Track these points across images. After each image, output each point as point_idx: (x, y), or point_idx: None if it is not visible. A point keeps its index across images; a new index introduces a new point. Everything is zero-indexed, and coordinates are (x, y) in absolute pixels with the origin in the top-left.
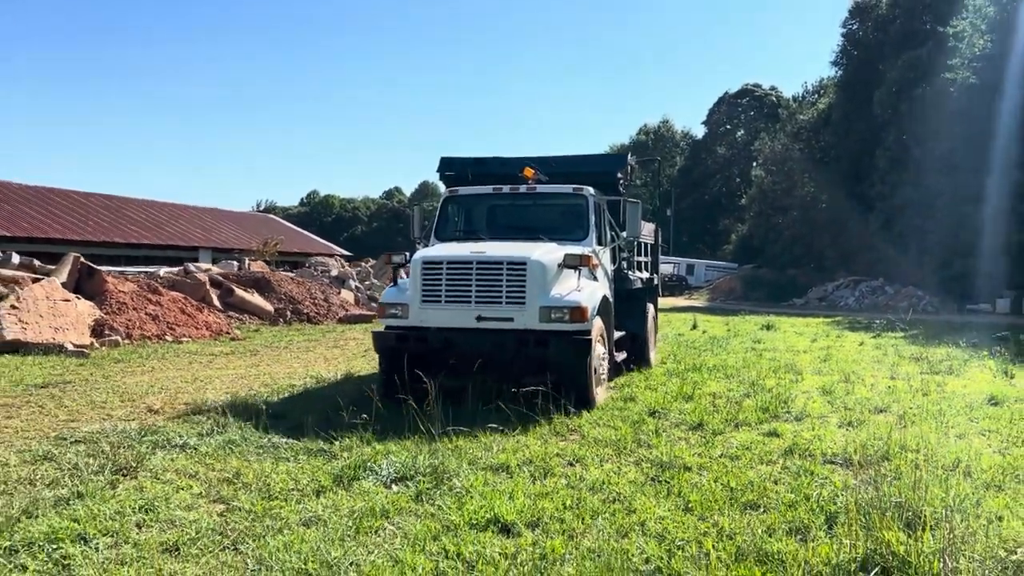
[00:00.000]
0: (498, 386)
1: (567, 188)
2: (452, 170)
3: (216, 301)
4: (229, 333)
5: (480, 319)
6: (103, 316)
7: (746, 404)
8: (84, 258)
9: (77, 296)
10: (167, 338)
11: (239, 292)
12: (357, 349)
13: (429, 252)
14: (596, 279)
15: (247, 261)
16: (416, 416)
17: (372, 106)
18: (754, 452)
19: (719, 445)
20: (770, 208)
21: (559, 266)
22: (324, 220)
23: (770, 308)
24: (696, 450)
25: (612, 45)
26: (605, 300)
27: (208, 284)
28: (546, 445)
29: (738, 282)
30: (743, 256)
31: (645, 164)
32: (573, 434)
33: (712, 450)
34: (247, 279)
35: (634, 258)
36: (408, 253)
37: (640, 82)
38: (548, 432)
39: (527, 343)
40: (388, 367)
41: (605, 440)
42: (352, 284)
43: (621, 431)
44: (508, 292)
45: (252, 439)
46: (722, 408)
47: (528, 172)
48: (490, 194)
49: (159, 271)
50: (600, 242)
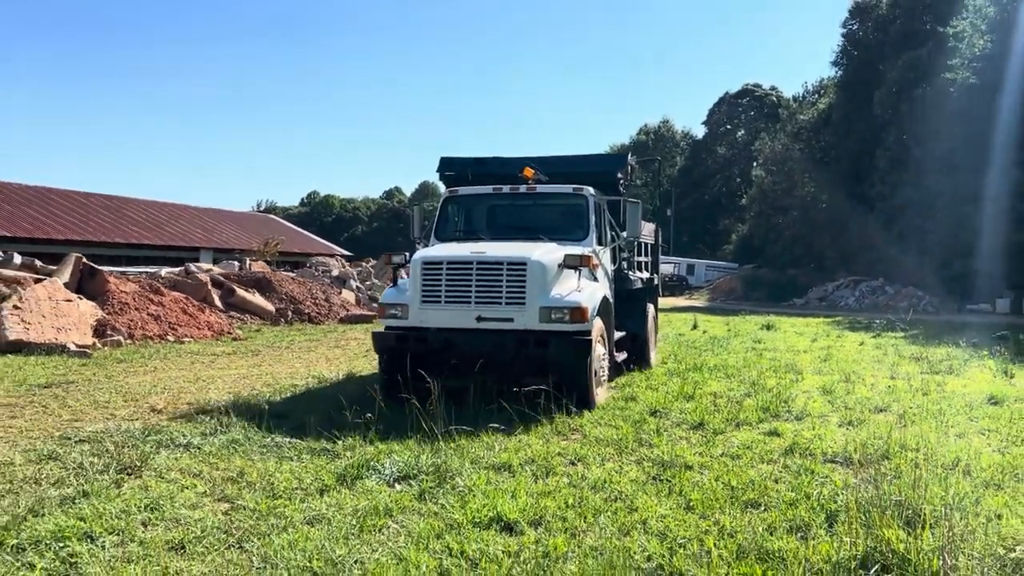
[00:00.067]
0: (499, 386)
1: (567, 188)
2: (452, 170)
3: (217, 301)
4: (231, 333)
5: (480, 319)
6: (105, 316)
7: (747, 404)
8: (85, 258)
9: (79, 296)
10: (169, 338)
11: (240, 292)
12: (359, 349)
13: (429, 252)
14: (596, 279)
15: (248, 261)
16: (419, 415)
17: (372, 106)
18: (755, 451)
19: (720, 444)
20: (770, 208)
21: (559, 266)
22: (324, 220)
23: (770, 308)
24: (697, 449)
25: (612, 45)
26: (605, 300)
27: (209, 284)
28: (548, 444)
29: (738, 282)
30: (743, 256)
31: (645, 164)
32: (575, 433)
33: (713, 449)
34: (248, 279)
35: (634, 258)
36: (408, 253)
37: (640, 82)
38: (550, 431)
39: (527, 343)
40: (388, 367)
41: (607, 439)
42: (353, 284)
43: (622, 430)
44: (508, 292)
45: (255, 438)
46: (723, 408)
47: (528, 172)
48: (490, 194)
49: (160, 271)
50: (600, 242)
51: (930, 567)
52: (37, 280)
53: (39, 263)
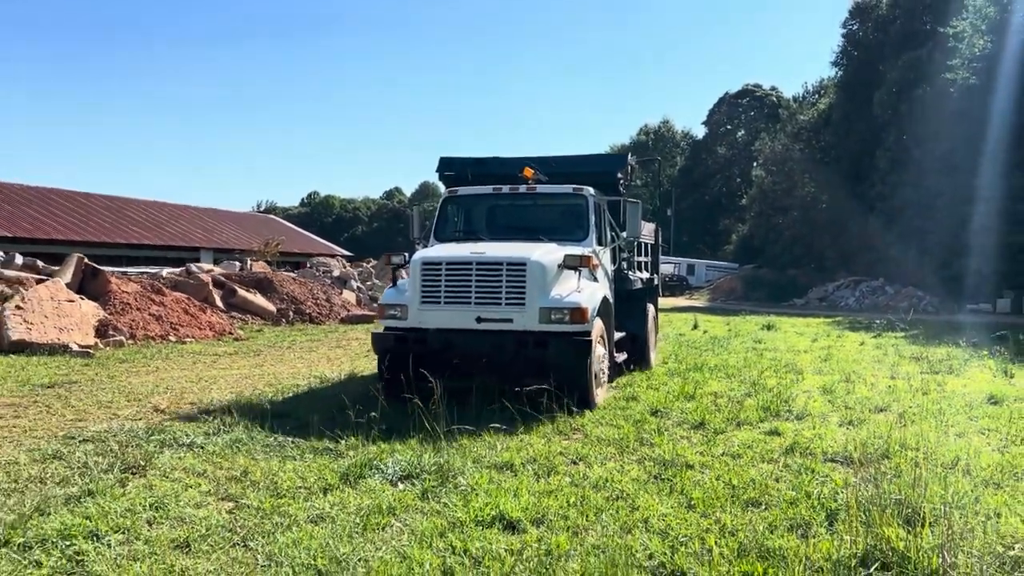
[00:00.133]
0: (501, 386)
1: (567, 188)
2: (452, 170)
3: (219, 301)
4: (232, 333)
5: (480, 320)
6: (107, 316)
7: (747, 403)
8: (86, 259)
9: (81, 297)
10: (171, 338)
11: (242, 292)
12: (360, 349)
13: (428, 253)
14: (596, 280)
15: (248, 262)
16: (422, 415)
17: (372, 106)
18: (755, 450)
19: (721, 444)
20: (770, 208)
21: (559, 267)
22: (324, 220)
23: (770, 308)
24: (698, 448)
25: (612, 45)
26: (605, 301)
27: (211, 285)
28: (549, 444)
29: (738, 282)
30: (743, 256)
31: (645, 164)
32: (576, 433)
33: (714, 448)
34: (249, 279)
35: (634, 258)
36: (407, 254)
37: (640, 82)
38: (551, 431)
39: (527, 344)
40: (387, 368)
41: (608, 439)
42: (354, 284)
43: (624, 430)
44: (508, 293)
45: (258, 438)
46: (723, 407)
47: (528, 172)
48: (490, 194)
49: (162, 271)
50: (600, 242)
51: (929, 565)
52: (39, 280)
53: (41, 263)
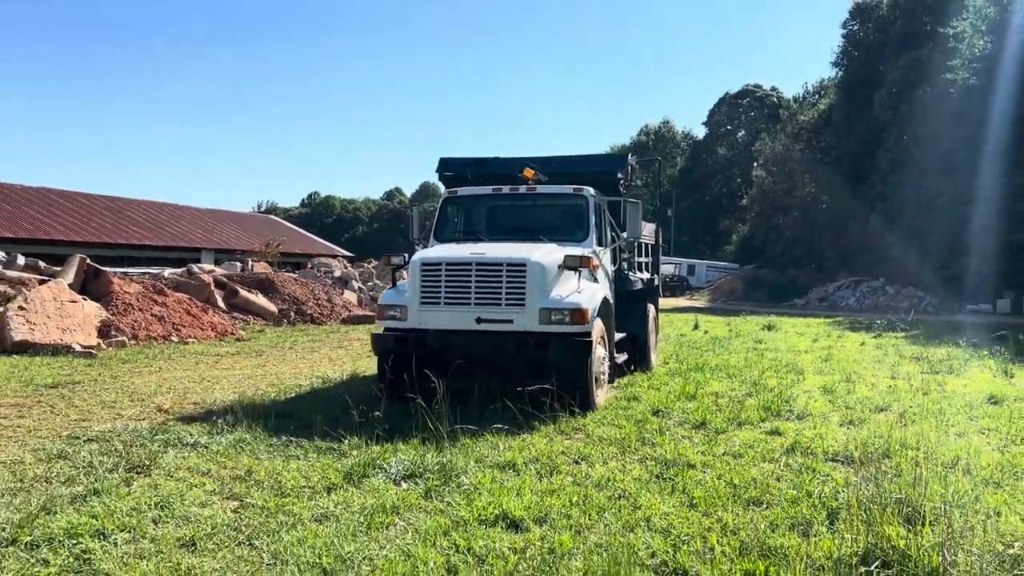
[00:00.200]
0: (503, 386)
1: (567, 189)
2: (451, 170)
3: (220, 302)
4: (234, 334)
5: (479, 321)
6: (109, 317)
7: (748, 403)
8: (88, 259)
9: (83, 297)
10: (173, 339)
11: (243, 293)
12: (361, 349)
13: (428, 253)
14: (596, 280)
15: (250, 262)
16: (425, 415)
17: (372, 106)
18: (757, 450)
19: (722, 443)
20: (771, 209)
21: (559, 267)
22: (325, 221)
23: (771, 308)
24: (699, 448)
25: (612, 45)
26: (606, 301)
27: (212, 285)
28: (551, 443)
29: (739, 282)
30: (744, 257)
31: (646, 164)
32: (578, 433)
33: (715, 448)
34: (251, 280)
35: (635, 259)
36: (407, 254)
37: (640, 82)
38: (553, 431)
39: (527, 345)
40: (387, 369)
41: (610, 438)
42: (355, 285)
43: (625, 430)
44: (508, 294)
45: (262, 438)
46: (725, 407)
47: (528, 172)
48: (490, 195)
49: (163, 272)
50: (600, 243)
51: (930, 563)
52: (42, 281)
53: (43, 264)
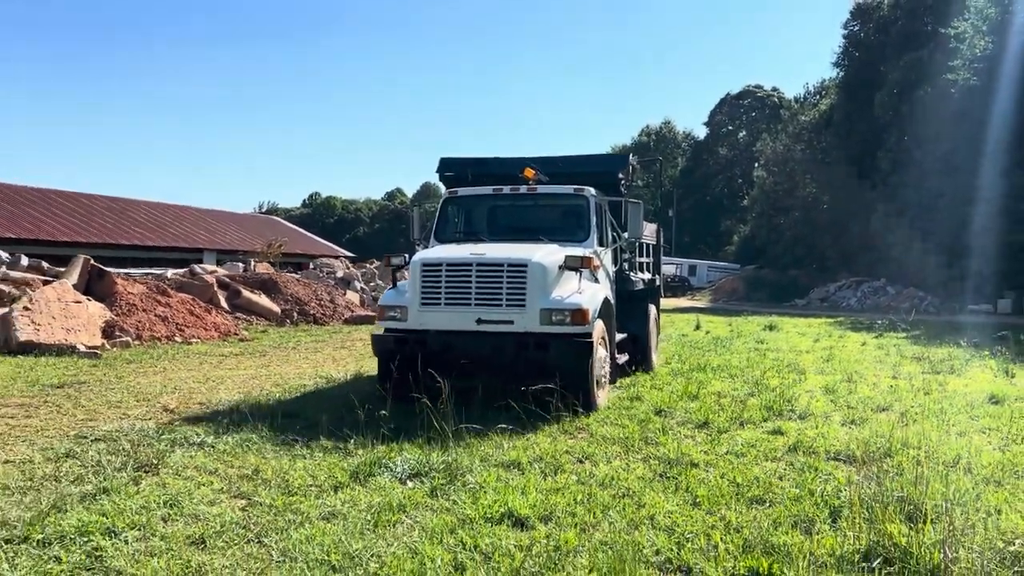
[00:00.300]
0: (507, 386)
1: (568, 189)
2: (452, 171)
3: (224, 303)
4: (237, 334)
5: (480, 322)
6: (113, 317)
7: (750, 403)
8: (92, 260)
9: (88, 298)
10: (176, 339)
11: (246, 293)
12: (364, 350)
13: (428, 254)
14: (597, 281)
15: (252, 263)
16: (431, 415)
17: (372, 106)
18: (759, 449)
19: (725, 442)
20: (772, 209)
21: (560, 268)
22: (326, 221)
23: (772, 309)
24: (702, 447)
25: (612, 45)
26: (606, 302)
27: (216, 286)
28: (555, 443)
29: (740, 283)
30: (745, 257)
31: (647, 164)
32: (581, 432)
33: (718, 447)
34: (253, 280)
35: (636, 259)
36: (407, 255)
37: (640, 82)
38: (557, 430)
39: (527, 346)
40: (387, 370)
41: (613, 438)
42: (357, 285)
43: (628, 429)
44: (508, 294)
45: (268, 437)
46: (727, 407)
47: (528, 172)
48: (490, 195)
49: (166, 273)
50: (601, 243)
51: (931, 560)
52: (46, 282)
53: (46, 265)
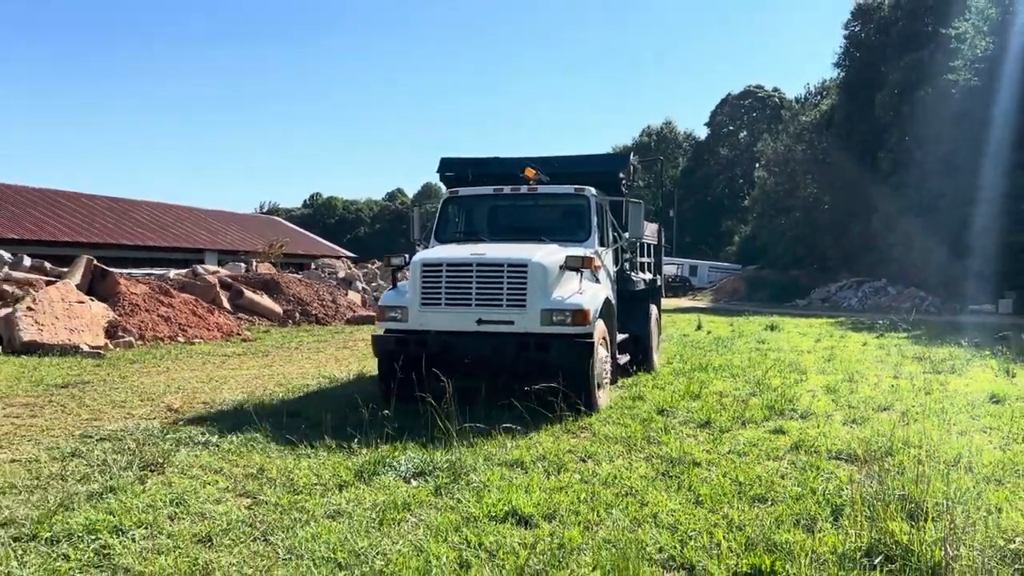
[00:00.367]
0: (509, 386)
1: (568, 189)
2: (452, 171)
3: (226, 303)
4: (240, 334)
5: (480, 322)
6: (116, 318)
7: (752, 402)
8: (94, 260)
9: (91, 298)
10: (179, 339)
11: (248, 294)
12: (367, 350)
13: (428, 254)
14: (598, 281)
15: (254, 263)
16: (434, 413)
17: (373, 106)
18: (761, 448)
19: (727, 442)
20: (773, 209)
21: (561, 268)
22: (327, 222)
23: (773, 309)
24: (704, 446)
25: (612, 45)
26: (607, 302)
27: (218, 286)
28: (558, 442)
29: (741, 283)
30: (746, 257)
31: (648, 164)
32: (584, 432)
33: (720, 446)
34: (256, 281)
35: (637, 259)
36: (407, 255)
37: (641, 82)
38: (560, 430)
39: (528, 346)
40: (387, 371)
41: (615, 437)
42: (359, 286)
43: (631, 428)
44: (509, 295)
45: (272, 436)
46: (729, 406)
47: (529, 172)
48: (491, 195)
49: (168, 273)
50: (602, 243)
51: (932, 557)
52: (49, 282)
53: (48, 265)
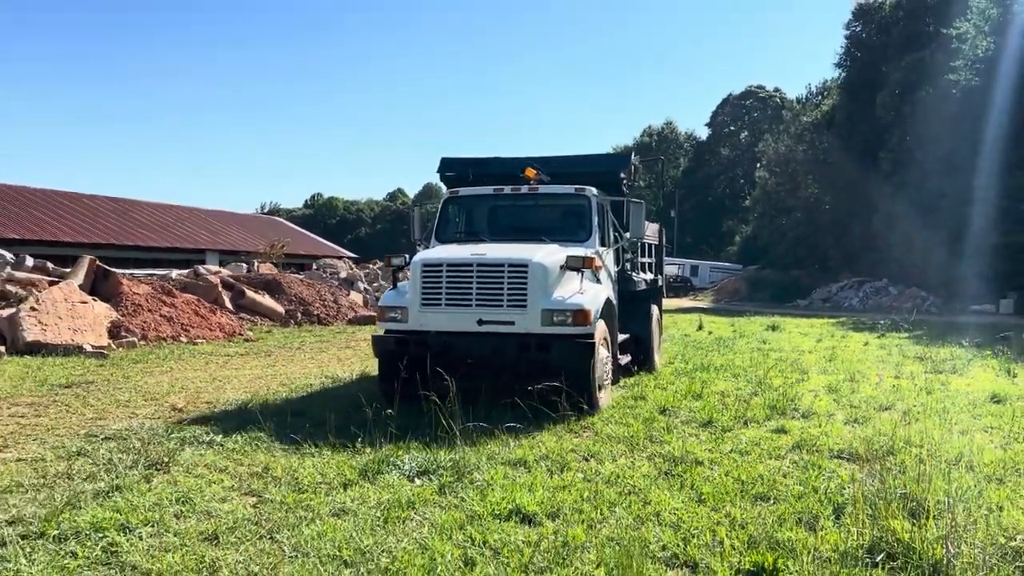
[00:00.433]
0: (512, 385)
1: (569, 188)
2: (453, 171)
3: (228, 303)
4: (242, 334)
5: (481, 322)
6: (119, 318)
7: (754, 402)
8: (96, 260)
9: (93, 298)
10: (182, 339)
11: (250, 294)
12: (369, 349)
13: (429, 254)
14: (599, 281)
15: (255, 263)
16: (437, 413)
17: (373, 107)
18: (763, 447)
19: (729, 441)
20: (774, 209)
21: (561, 268)
22: (328, 222)
23: (774, 309)
24: (707, 446)
25: (613, 46)
26: (608, 302)
27: (220, 286)
28: (561, 441)
29: (742, 283)
30: (747, 257)
31: (649, 164)
32: (586, 431)
33: (722, 446)
34: (257, 281)
35: (638, 259)
36: (408, 255)
37: (641, 83)
38: (563, 429)
39: (528, 347)
40: (387, 371)
41: (618, 436)
42: (360, 286)
43: (633, 428)
44: (509, 295)
45: (277, 435)
46: (731, 406)
47: (530, 172)
48: (491, 195)
49: (170, 273)
50: (603, 243)
51: (934, 555)
52: (52, 282)
53: (51, 265)
